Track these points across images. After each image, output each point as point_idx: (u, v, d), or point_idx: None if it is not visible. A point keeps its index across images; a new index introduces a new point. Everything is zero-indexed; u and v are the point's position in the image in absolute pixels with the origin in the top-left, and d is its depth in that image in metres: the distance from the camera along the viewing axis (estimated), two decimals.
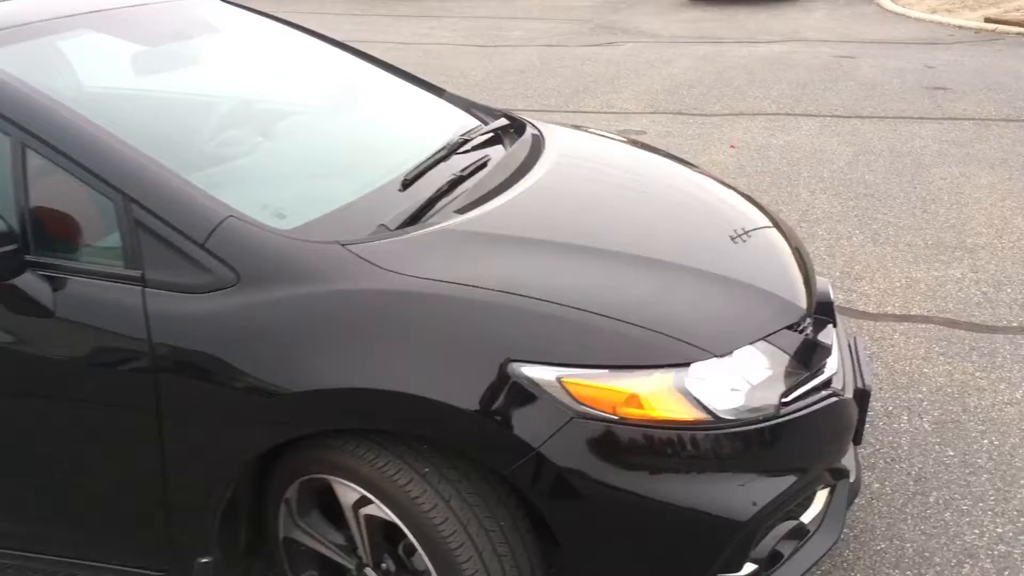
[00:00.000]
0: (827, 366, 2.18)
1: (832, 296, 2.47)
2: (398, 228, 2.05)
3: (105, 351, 1.91)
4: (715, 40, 11.08)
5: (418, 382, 1.77)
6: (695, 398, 1.83)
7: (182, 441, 1.90)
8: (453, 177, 2.36)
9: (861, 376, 2.35)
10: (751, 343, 1.99)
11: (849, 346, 2.51)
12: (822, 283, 2.46)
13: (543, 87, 8.69)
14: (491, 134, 2.77)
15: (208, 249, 1.86)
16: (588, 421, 1.78)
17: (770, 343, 2.02)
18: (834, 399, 2.09)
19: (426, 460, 1.84)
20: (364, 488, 1.87)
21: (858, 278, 4.31)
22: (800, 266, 2.43)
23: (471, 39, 11.68)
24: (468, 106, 3.13)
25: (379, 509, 1.87)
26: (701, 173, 2.95)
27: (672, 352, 1.86)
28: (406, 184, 2.28)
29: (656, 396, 1.81)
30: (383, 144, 2.63)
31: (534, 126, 2.98)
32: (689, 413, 1.83)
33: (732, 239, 2.42)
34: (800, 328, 2.16)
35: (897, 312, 3.96)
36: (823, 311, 2.37)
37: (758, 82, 8.63)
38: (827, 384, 2.14)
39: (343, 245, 1.92)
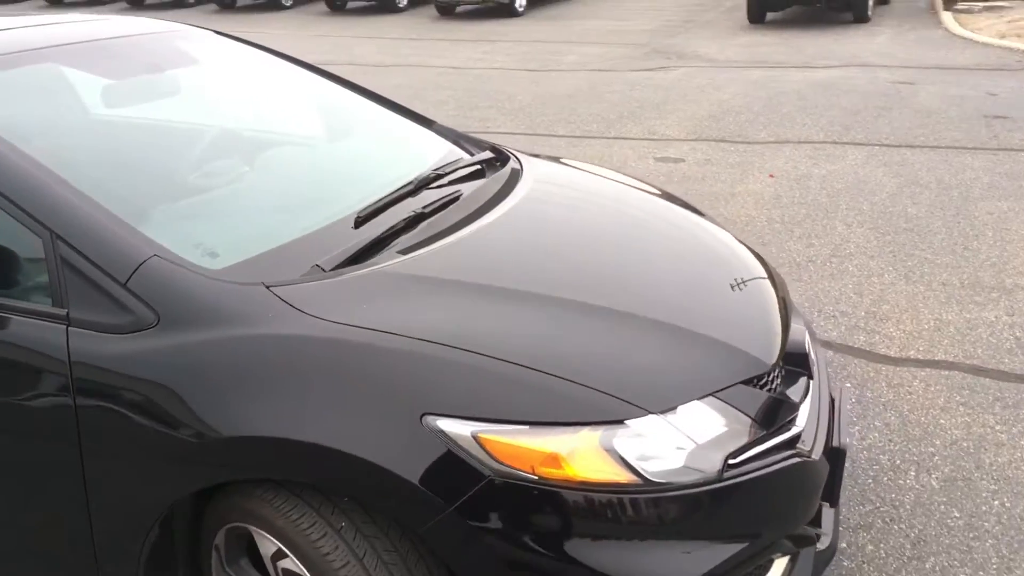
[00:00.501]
0: (795, 423, 2.05)
1: (809, 347, 2.31)
2: (334, 269, 1.98)
3: (31, 389, 1.88)
4: (771, 65, 10.85)
5: (330, 433, 1.69)
6: (622, 458, 1.72)
7: (104, 482, 1.86)
8: (413, 214, 2.29)
9: (838, 434, 2.20)
10: (699, 399, 1.86)
11: (832, 401, 2.36)
12: (798, 332, 2.31)
13: (587, 112, 8.60)
14: (469, 168, 2.70)
15: (129, 289, 1.82)
16: (506, 480, 1.67)
17: (721, 399, 1.89)
18: (795, 460, 1.95)
19: (344, 514, 1.76)
20: (279, 540, 1.79)
21: (884, 319, 4.11)
22: (780, 316, 2.29)
23: (524, 63, 11.66)
24: (456, 138, 3.06)
25: (294, 563, 1.80)
26: (696, 215, 2.82)
27: (601, 408, 1.75)
28: (359, 222, 2.21)
29: (579, 455, 1.70)
30: (350, 178, 2.57)
31: (517, 160, 2.89)
32: (615, 475, 1.71)
33: (703, 287, 2.29)
34: (762, 383, 2.02)
35: (920, 357, 3.75)
36: (797, 363, 2.23)
37: (808, 108, 8.40)
38: (792, 443, 2.00)
39: (267, 287, 1.86)
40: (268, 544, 1.83)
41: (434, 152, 2.86)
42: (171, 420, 1.77)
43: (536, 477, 1.68)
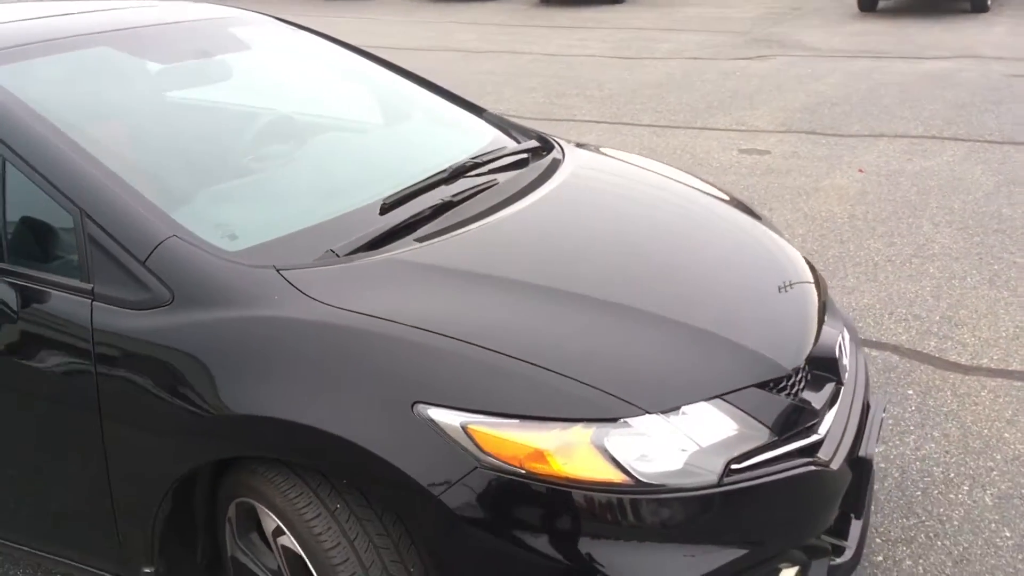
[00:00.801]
0: (814, 430, 1.98)
1: (841, 351, 2.22)
2: (348, 255, 2.01)
3: (61, 358, 1.97)
4: (876, 55, 10.43)
5: (325, 416, 1.72)
6: (613, 457, 1.69)
7: (120, 449, 1.94)
8: (441, 202, 2.30)
9: (866, 443, 2.11)
10: (706, 400, 1.82)
11: (865, 408, 2.26)
12: (830, 335, 2.22)
13: (676, 102, 8.45)
14: (510, 156, 2.69)
15: (148, 267, 1.89)
16: (493, 472, 1.67)
17: (731, 402, 1.84)
18: (808, 468, 1.88)
19: (339, 496, 1.79)
20: (278, 518, 1.84)
21: (959, 324, 3.91)
22: (813, 320, 2.20)
23: (618, 51, 11.53)
24: (504, 126, 3.05)
25: (290, 541, 1.84)
26: (744, 212, 2.73)
27: (595, 405, 1.72)
28: (385, 208, 2.23)
29: (568, 452, 1.68)
30: (387, 164, 2.60)
31: (560, 149, 2.87)
32: (606, 473, 1.69)
33: (733, 285, 2.22)
34: (781, 387, 1.96)
35: (993, 366, 3.56)
36: (826, 368, 2.14)
37: (910, 101, 8.04)
38: (809, 450, 1.93)
39: (278, 270, 1.90)
40: (269, 520, 1.88)
41: (479, 140, 2.86)
42: (179, 395, 1.83)
43: (523, 471, 1.67)
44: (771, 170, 6.25)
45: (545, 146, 2.89)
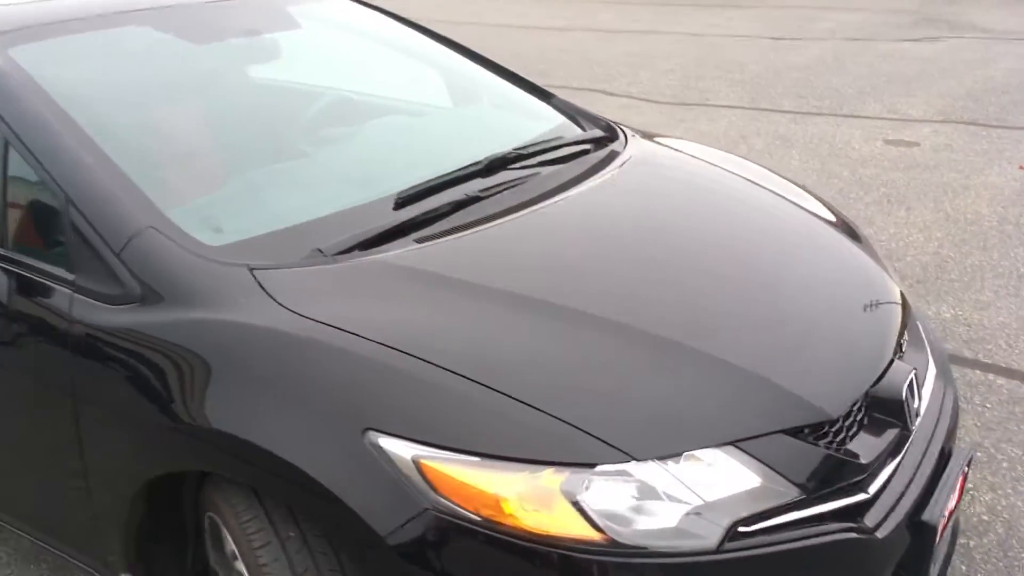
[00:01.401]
0: (862, 488, 1.66)
1: (910, 392, 1.86)
2: (337, 255, 1.83)
3: (40, 350, 1.90)
4: None
5: (273, 436, 1.56)
6: (586, 510, 1.44)
7: (97, 452, 1.85)
8: (466, 197, 2.09)
9: (933, 505, 1.76)
10: (716, 446, 1.54)
11: (945, 461, 1.90)
12: (899, 373, 1.86)
13: (824, 86, 7.85)
14: (562, 148, 2.44)
15: (122, 259, 1.77)
16: (445, 517, 1.46)
17: (748, 450, 1.55)
18: (842, 535, 1.57)
19: (296, 523, 1.62)
20: (232, 540, 1.69)
21: None
22: (879, 355, 1.86)
23: (768, 30, 10.88)
24: (573, 113, 2.80)
25: (242, 567, 1.69)
26: (831, 227, 2.37)
27: (573, 447, 1.47)
28: (400, 203, 2.04)
29: (535, 501, 1.45)
30: (426, 152, 2.40)
31: (624, 141, 2.58)
32: (576, 528, 1.44)
33: (778, 311, 1.90)
34: (820, 435, 1.65)
35: None
36: (890, 411, 1.80)
37: None
38: (851, 512, 1.62)
39: (252, 270, 1.74)
40: (228, 541, 1.74)
41: (538, 128, 2.62)
42: (141, 399, 1.71)
43: (480, 519, 1.45)
44: (917, 164, 5.66)
45: (609, 136, 2.62)
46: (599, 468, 1.46)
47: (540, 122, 2.69)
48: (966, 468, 1.95)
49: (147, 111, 2.23)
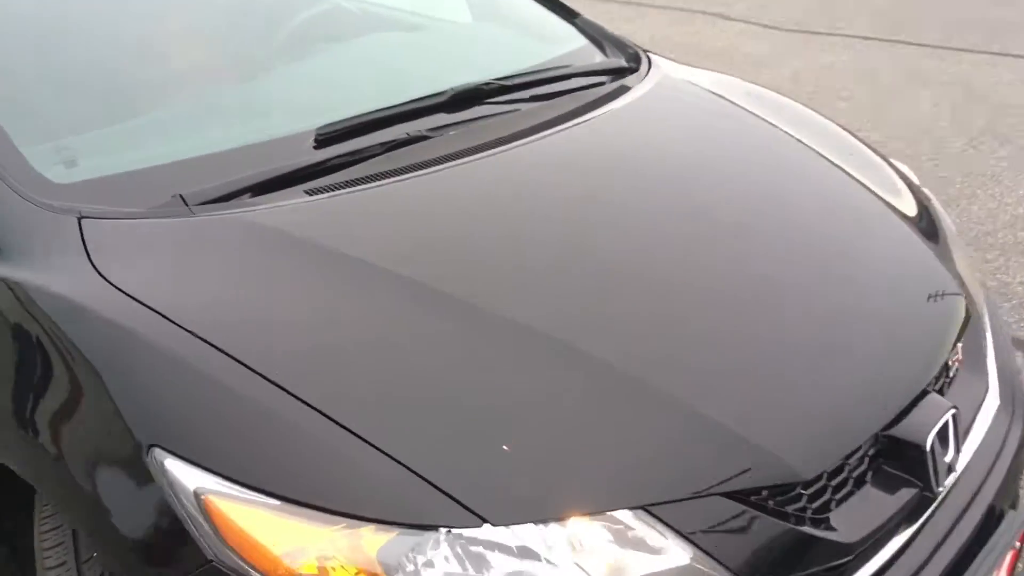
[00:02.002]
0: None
1: (942, 440, 1.35)
2: (201, 204, 1.45)
3: None
4: None
5: (56, 439, 1.23)
6: None
7: None
8: (404, 137, 1.68)
9: None
10: (623, 509, 1.11)
11: (987, 527, 1.40)
12: (932, 409, 1.36)
13: (979, 17, 6.84)
14: (557, 81, 1.98)
15: None
16: (232, 574, 1.09)
17: (663, 518, 1.12)
18: None
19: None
20: (36, 556, 1.39)
21: None
22: (904, 386, 1.37)
23: None
24: (600, 37, 2.30)
25: None
26: (892, 211, 1.81)
27: (404, 502, 1.08)
28: (322, 140, 1.65)
29: (346, 565, 1.06)
30: (383, 80, 1.98)
31: (646, 74, 2.08)
32: None
33: (769, 317, 1.42)
34: (784, 499, 1.19)
35: None
36: (910, 465, 1.32)
37: None
38: None
39: (81, 218, 1.39)
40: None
41: (546, 52, 2.16)
42: None
43: None
44: None
45: (629, 68, 2.13)
46: (439, 532, 1.06)
47: (552, 45, 2.23)
48: (1020, 542, 1.44)
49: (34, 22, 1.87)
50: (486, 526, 1.07)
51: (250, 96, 1.84)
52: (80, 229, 1.37)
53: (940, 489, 1.33)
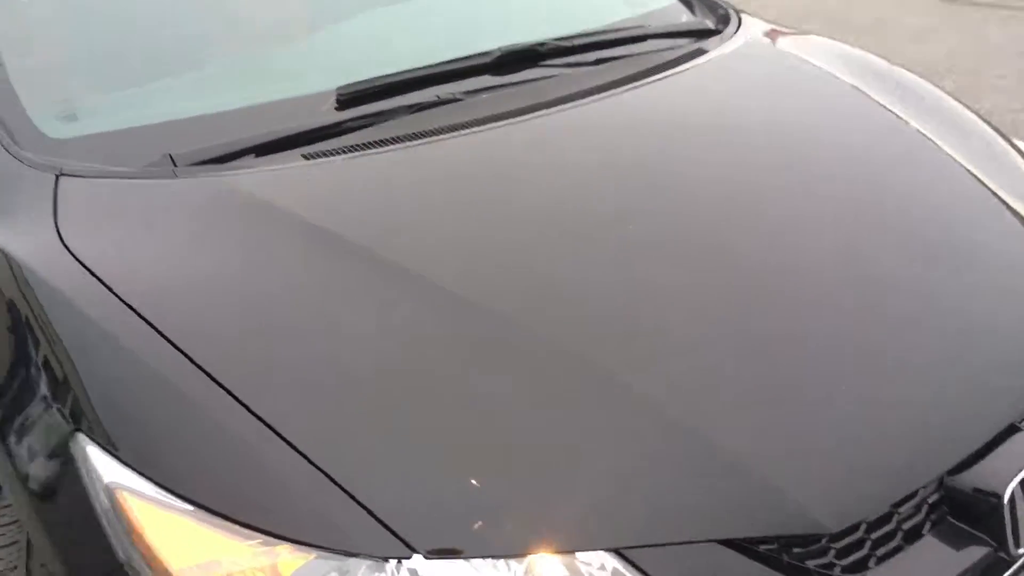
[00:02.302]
0: None
1: (1020, 490, 1.08)
2: (192, 166, 1.34)
3: None
4: None
5: (3, 419, 1.14)
6: None
7: None
8: (434, 100, 1.53)
9: None
10: (593, 550, 0.93)
11: None
12: (1019, 449, 1.09)
13: None
14: (621, 44, 1.76)
15: None
16: None
17: (639, 566, 0.92)
18: None
19: None
20: None
21: None
22: (979, 427, 1.12)
23: None
24: None
25: None
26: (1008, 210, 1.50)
27: (321, 524, 0.93)
28: (345, 100, 1.50)
29: None
30: (430, 37, 1.81)
31: (729, 40, 1.83)
32: None
33: (808, 337, 1.17)
34: (806, 551, 0.97)
35: None
36: (978, 518, 1.06)
37: None
38: None
39: (60, 176, 1.30)
40: None
41: (622, 11, 1.95)
42: None
43: None
44: None
45: (715, 31, 1.88)
46: (359, 559, 0.90)
47: (633, 3, 2.00)
48: None
49: None
50: (417, 557, 0.90)
51: (269, 55, 1.70)
52: (56, 187, 1.28)
53: (1021, 552, 1.07)
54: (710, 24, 1.92)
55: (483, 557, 0.91)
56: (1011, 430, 1.11)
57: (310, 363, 1.05)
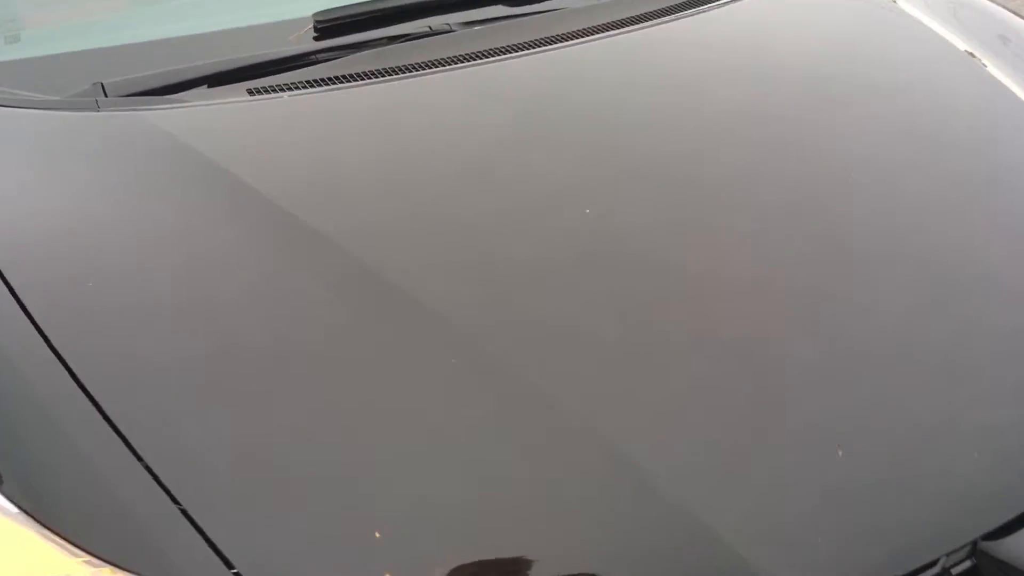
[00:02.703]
0: None
1: None
2: (123, 97, 1.18)
3: None
4: None
5: None
6: None
7: None
8: (430, 30, 1.34)
9: None
10: None
11: None
12: None
13: None
14: None
15: None
16: None
17: None
18: None
19: None
20: None
21: None
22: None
23: None
24: None
25: None
26: None
27: (148, 549, 0.79)
28: (323, 28, 1.32)
29: None
30: None
31: None
32: None
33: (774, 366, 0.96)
34: None
35: None
36: None
37: None
38: None
39: None
40: None
41: None
42: None
43: None
44: None
45: None
46: None
47: None
48: None
49: None
50: None
51: None
52: None
53: None
54: None
55: None
56: None
57: (183, 360, 0.89)
